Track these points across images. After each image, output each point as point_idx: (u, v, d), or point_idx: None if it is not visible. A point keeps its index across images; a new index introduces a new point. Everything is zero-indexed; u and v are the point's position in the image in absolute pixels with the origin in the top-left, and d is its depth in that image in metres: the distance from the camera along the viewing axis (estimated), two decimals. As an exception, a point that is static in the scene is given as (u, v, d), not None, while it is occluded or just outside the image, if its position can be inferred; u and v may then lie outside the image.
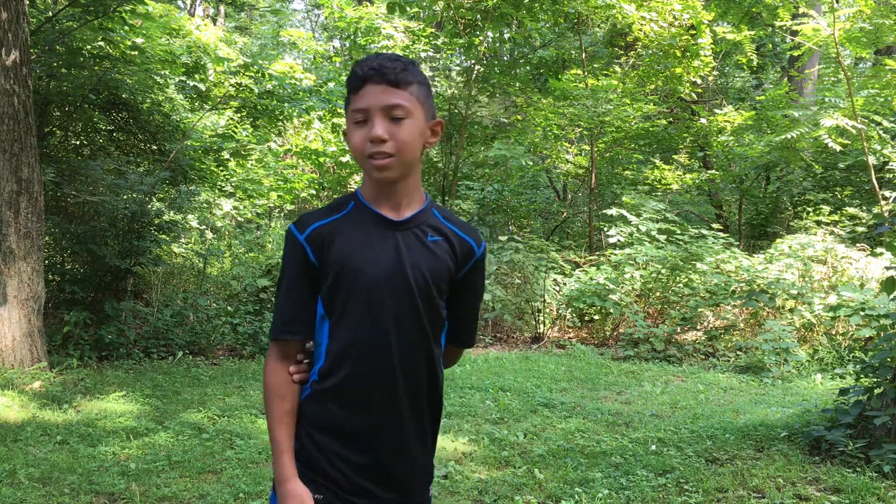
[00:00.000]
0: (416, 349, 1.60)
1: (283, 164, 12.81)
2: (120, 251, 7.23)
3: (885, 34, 9.85)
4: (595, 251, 11.27)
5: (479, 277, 1.71)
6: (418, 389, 1.61)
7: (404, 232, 1.59)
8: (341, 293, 1.57)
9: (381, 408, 1.58)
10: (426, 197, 1.65)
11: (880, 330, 6.56)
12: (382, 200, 1.60)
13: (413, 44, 11.14)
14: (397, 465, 1.61)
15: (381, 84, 1.52)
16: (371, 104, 1.52)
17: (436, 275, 1.60)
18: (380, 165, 1.52)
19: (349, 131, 1.57)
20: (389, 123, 1.52)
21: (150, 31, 8.52)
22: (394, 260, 1.57)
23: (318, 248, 1.57)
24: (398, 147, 1.52)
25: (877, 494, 3.56)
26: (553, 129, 12.15)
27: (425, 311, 1.59)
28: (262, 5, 24.02)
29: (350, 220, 1.60)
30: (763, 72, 20.43)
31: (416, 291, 1.57)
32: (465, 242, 1.65)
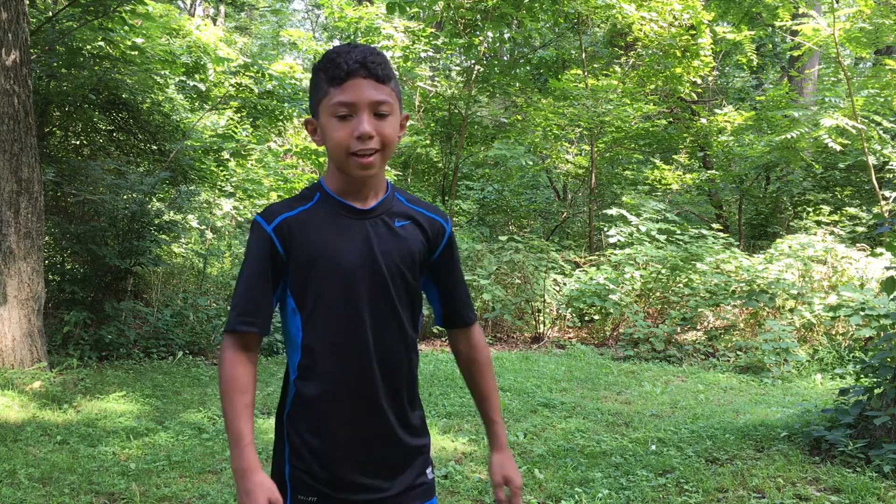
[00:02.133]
0: (392, 337, 1.60)
1: (283, 164, 12.80)
2: (120, 251, 7.23)
3: (885, 34, 9.85)
4: (595, 251, 11.27)
5: (455, 252, 1.73)
6: (398, 377, 1.61)
7: (372, 220, 1.59)
8: (313, 285, 1.56)
9: (362, 398, 1.58)
10: (388, 184, 1.65)
11: (880, 330, 6.56)
12: (350, 191, 1.58)
13: (413, 44, 11.14)
14: (386, 453, 1.61)
15: (368, 79, 1.49)
16: (358, 99, 1.49)
17: (407, 259, 1.60)
18: (365, 163, 1.51)
19: (327, 126, 1.53)
20: (375, 120, 1.51)
21: (150, 31, 8.51)
22: (364, 249, 1.56)
23: (285, 239, 1.55)
24: (383, 143, 1.52)
25: (877, 494, 3.56)
26: (553, 129, 12.15)
27: (399, 297, 1.59)
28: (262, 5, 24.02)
29: (317, 211, 1.58)
30: (763, 72, 20.44)
31: (390, 278, 1.57)
32: (434, 221, 1.67)
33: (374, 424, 1.59)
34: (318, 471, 1.57)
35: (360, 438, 1.58)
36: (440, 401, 5.68)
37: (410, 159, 13.67)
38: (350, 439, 1.58)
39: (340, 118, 1.50)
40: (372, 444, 1.59)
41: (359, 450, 1.58)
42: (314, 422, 1.58)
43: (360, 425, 1.58)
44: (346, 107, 1.49)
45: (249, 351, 1.59)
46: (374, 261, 1.56)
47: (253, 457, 1.50)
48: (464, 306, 1.76)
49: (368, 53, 1.51)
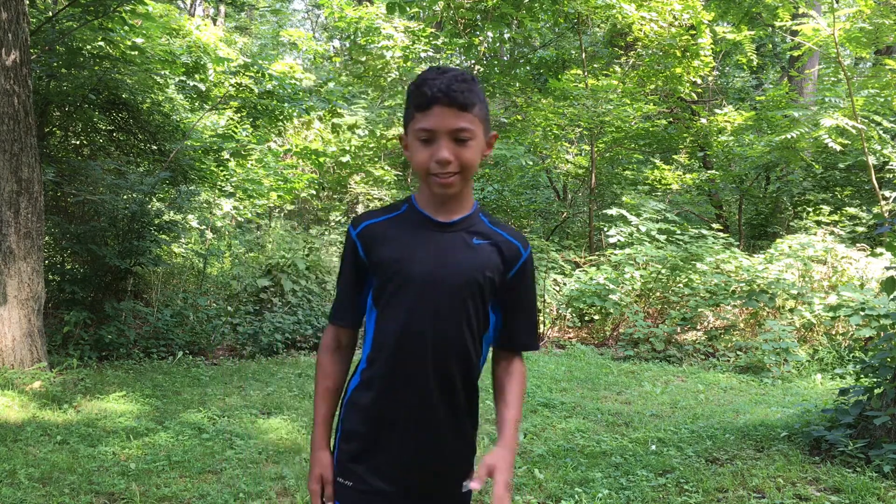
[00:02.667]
0: (451, 345, 1.65)
1: (283, 164, 12.80)
2: (120, 251, 7.23)
3: (885, 34, 9.85)
4: (595, 251, 11.27)
5: (528, 279, 1.76)
6: (452, 385, 1.66)
7: (450, 234, 1.67)
8: (387, 287, 1.66)
9: (414, 398, 1.64)
10: (475, 204, 1.73)
11: (880, 330, 6.56)
12: (434, 205, 1.68)
13: (413, 44, 11.14)
14: (429, 458, 1.66)
15: (449, 107, 1.57)
16: (438, 127, 1.57)
17: (480, 275, 1.66)
18: (444, 183, 1.60)
19: (412, 147, 1.63)
20: (454, 145, 1.58)
21: (150, 31, 8.50)
22: (436, 259, 1.64)
23: (367, 244, 1.68)
24: (462, 166, 1.60)
25: (877, 494, 3.56)
26: (553, 129, 12.15)
27: (464, 309, 1.65)
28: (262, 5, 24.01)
29: (401, 221, 1.70)
30: (763, 72, 20.44)
31: (459, 291, 1.64)
32: (511, 244, 1.71)
33: (425, 429, 1.65)
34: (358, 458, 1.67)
35: (410, 439, 1.65)
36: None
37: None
38: (395, 444, 1.65)
39: (423, 142, 1.60)
40: (416, 450, 1.65)
41: (404, 449, 1.65)
42: (365, 416, 1.68)
43: (411, 428, 1.65)
44: (427, 132, 1.58)
45: (341, 342, 1.77)
46: (445, 273, 1.63)
47: (320, 435, 1.71)
48: (525, 333, 1.77)
49: (454, 81, 1.58)
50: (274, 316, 7.97)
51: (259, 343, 7.61)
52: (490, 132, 1.69)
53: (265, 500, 3.61)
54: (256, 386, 6.14)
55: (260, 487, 3.75)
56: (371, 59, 11.54)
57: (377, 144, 12.40)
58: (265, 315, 8.00)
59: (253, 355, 7.51)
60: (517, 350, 1.79)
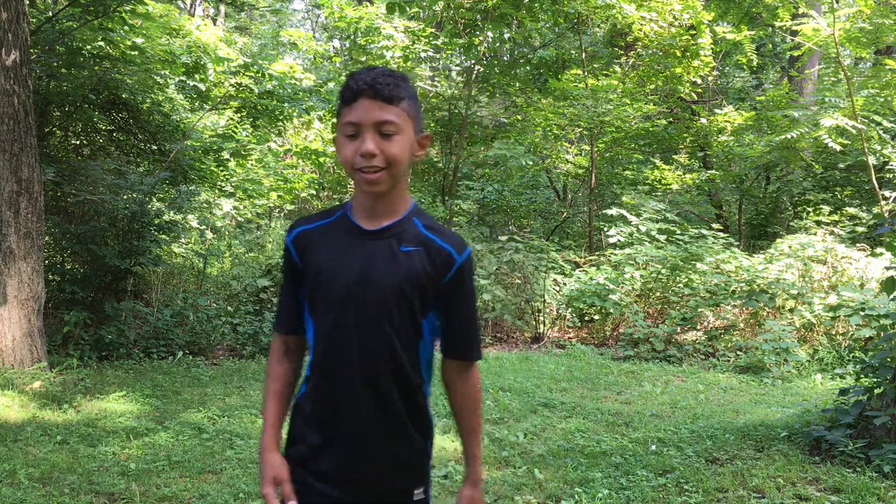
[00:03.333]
0: (378, 357, 1.61)
1: (283, 164, 12.81)
2: (120, 251, 7.23)
3: (885, 34, 9.85)
4: (595, 251, 11.27)
5: (464, 285, 1.68)
6: (387, 395, 1.63)
7: (377, 242, 1.63)
8: (316, 295, 1.66)
9: (347, 407, 1.63)
10: (411, 206, 1.68)
11: (880, 330, 6.57)
12: (364, 210, 1.66)
13: (413, 44, 11.14)
14: (368, 467, 1.64)
15: (373, 99, 1.55)
16: (362, 119, 1.56)
17: (406, 284, 1.61)
18: (370, 179, 1.57)
19: (339, 142, 1.61)
20: (380, 139, 1.55)
21: (150, 31, 8.51)
22: (360, 268, 1.61)
23: (300, 250, 1.68)
24: (388, 161, 1.56)
25: (877, 494, 3.56)
26: (553, 129, 12.15)
27: (389, 320, 1.61)
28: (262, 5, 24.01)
29: (332, 228, 1.68)
30: (763, 72, 20.44)
31: (380, 301, 1.60)
32: (442, 250, 1.64)
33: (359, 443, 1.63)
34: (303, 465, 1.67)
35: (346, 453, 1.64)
36: (440, 401, 5.67)
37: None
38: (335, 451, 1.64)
39: (349, 137, 1.58)
40: (355, 459, 1.64)
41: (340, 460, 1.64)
42: (307, 422, 1.69)
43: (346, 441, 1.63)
44: (352, 126, 1.57)
45: (288, 349, 1.77)
46: (367, 281, 1.61)
47: (269, 437, 1.69)
48: (465, 341, 1.73)
49: (380, 75, 1.57)
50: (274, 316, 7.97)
51: (259, 343, 7.61)
52: (422, 132, 1.64)
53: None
54: (256, 386, 6.14)
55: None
56: (371, 59, 11.53)
57: (377, 144, 12.38)
58: (265, 315, 8.00)
59: (253, 355, 7.51)
60: (462, 359, 1.74)
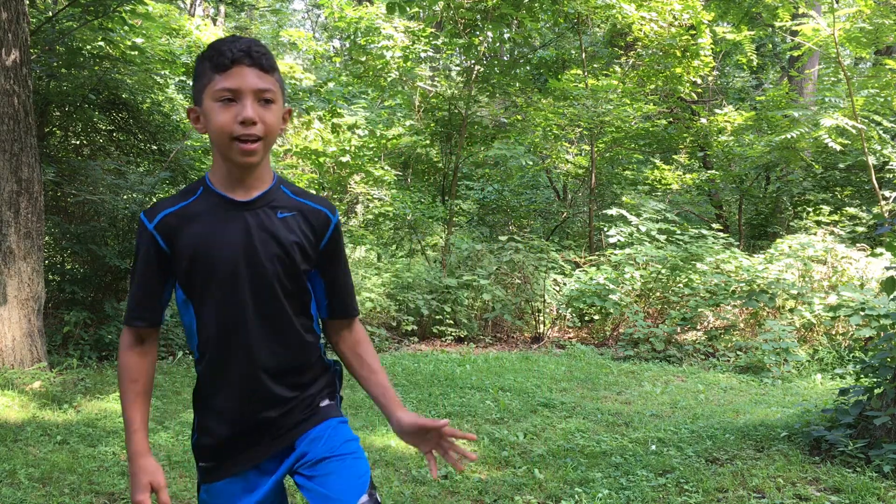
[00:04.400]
0: (277, 324, 1.63)
1: (283, 164, 12.80)
2: (120, 251, 7.23)
3: (885, 34, 9.86)
4: (595, 251, 11.27)
5: (340, 244, 1.74)
6: (287, 362, 1.66)
7: (253, 212, 1.61)
8: (198, 277, 1.60)
9: (249, 383, 1.64)
10: (274, 176, 1.67)
11: (880, 330, 6.56)
12: (232, 183, 1.61)
13: (413, 44, 11.14)
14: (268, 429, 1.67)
15: (252, 67, 1.53)
16: (243, 85, 1.52)
17: (289, 249, 1.62)
18: (248, 149, 1.54)
19: (210, 111, 1.54)
20: (259, 107, 1.53)
21: (150, 31, 8.52)
22: (244, 240, 1.59)
23: (167, 236, 1.59)
24: (266, 130, 1.55)
25: (877, 494, 3.56)
26: (553, 129, 12.15)
27: (281, 285, 1.62)
28: (262, 5, 24.01)
29: (199, 205, 1.62)
30: (763, 72, 20.44)
31: (270, 269, 1.60)
32: (318, 212, 1.67)
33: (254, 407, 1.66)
34: (210, 440, 1.70)
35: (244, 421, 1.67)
36: (440, 401, 5.68)
37: (410, 159, 13.67)
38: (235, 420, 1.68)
39: (224, 102, 1.53)
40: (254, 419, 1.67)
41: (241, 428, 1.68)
42: (206, 400, 1.73)
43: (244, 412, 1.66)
44: (230, 92, 1.52)
45: (144, 342, 1.69)
46: (254, 252, 1.59)
47: (140, 441, 1.64)
48: (348, 297, 1.77)
49: (253, 44, 1.55)
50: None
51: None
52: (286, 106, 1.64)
53: (265, 500, 3.61)
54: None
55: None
56: (371, 59, 11.53)
57: (377, 144, 12.40)
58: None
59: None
60: (349, 316, 1.77)
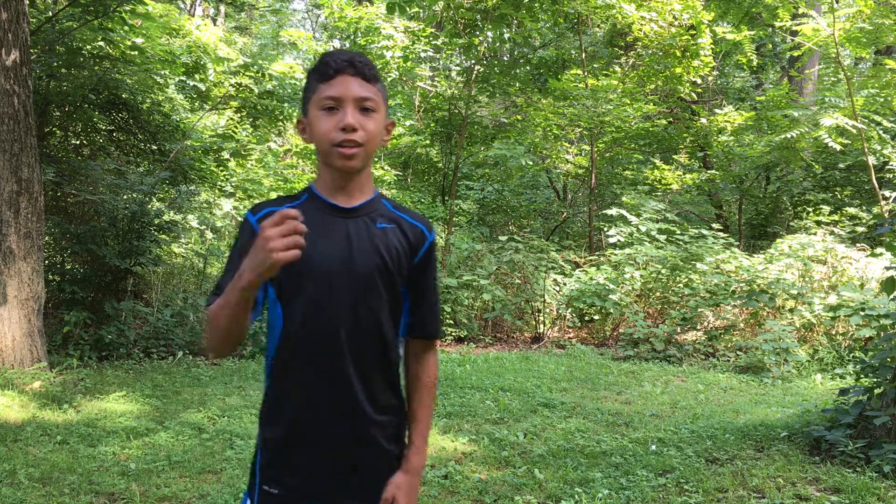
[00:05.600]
0: (367, 333, 1.61)
1: (283, 164, 12.82)
2: (120, 251, 7.23)
3: (885, 34, 9.86)
4: (595, 251, 11.27)
5: (433, 263, 1.73)
6: (371, 372, 1.62)
7: (355, 220, 1.62)
8: (292, 279, 1.59)
9: (334, 390, 1.59)
10: (375, 190, 1.69)
11: (880, 330, 6.56)
12: (335, 190, 1.63)
13: (413, 44, 11.14)
14: (355, 457, 1.62)
15: (355, 77, 1.57)
16: (344, 94, 1.56)
17: (388, 260, 1.62)
18: (347, 154, 1.56)
19: (314, 120, 1.58)
20: (360, 115, 1.56)
21: (150, 31, 8.51)
22: (343, 247, 1.59)
23: None
24: (367, 138, 1.57)
25: (877, 494, 3.56)
26: (553, 129, 12.15)
27: (376, 295, 1.61)
28: (262, 5, 24.00)
29: (303, 210, 1.59)
30: (763, 72, 20.43)
31: (367, 276, 1.60)
32: (416, 228, 1.68)
33: (345, 419, 1.60)
34: (282, 462, 1.61)
35: (330, 433, 1.60)
36: (440, 401, 5.68)
37: (410, 159, 13.67)
38: (319, 434, 1.60)
39: (327, 110, 1.56)
40: (341, 440, 1.60)
41: (327, 445, 1.60)
42: (283, 412, 1.62)
43: (329, 419, 1.59)
44: (332, 100, 1.56)
45: None
46: (353, 259, 1.59)
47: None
48: (432, 317, 1.75)
49: (357, 56, 1.59)
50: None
51: (259, 343, 7.61)
52: (388, 119, 1.66)
53: (265, 500, 3.61)
54: (256, 386, 6.14)
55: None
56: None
57: (377, 144, 12.39)
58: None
59: (253, 355, 7.51)
60: (425, 338, 1.75)
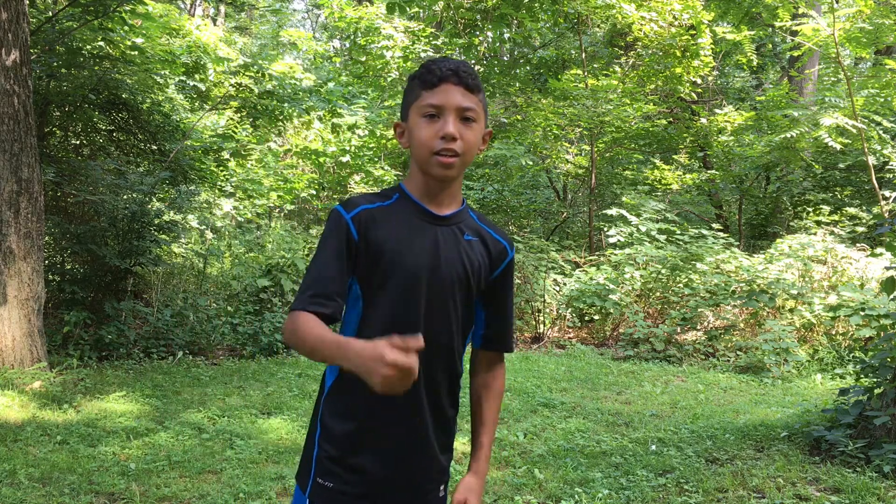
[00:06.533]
0: (439, 342, 1.61)
1: (283, 164, 12.82)
2: (120, 251, 7.23)
3: (885, 34, 9.86)
4: (595, 251, 11.27)
5: (511, 280, 1.75)
6: (437, 383, 1.63)
7: (444, 228, 1.63)
8: (377, 277, 1.58)
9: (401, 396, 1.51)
10: (463, 200, 1.71)
11: (880, 330, 6.56)
12: (427, 196, 1.63)
13: (413, 44, 11.14)
14: (414, 464, 1.62)
15: (458, 86, 1.57)
16: (447, 102, 1.56)
17: (470, 272, 1.63)
18: (446, 163, 1.56)
19: (415, 126, 1.59)
20: (461, 124, 1.57)
21: (150, 31, 8.52)
22: (431, 252, 1.60)
23: (361, 227, 1.58)
24: (465, 148, 1.58)
25: (877, 494, 3.56)
26: (553, 129, 12.15)
27: (454, 306, 1.62)
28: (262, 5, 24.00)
29: (394, 210, 1.64)
30: (763, 72, 20.43)
31: (448, 286, 1.61)
32: (498, 243, 1.70)
33: (410, 426, 1.60)
34: (341, 458, 1.59)
35: (393, 437, 1.60)
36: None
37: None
38: (382, 436, 1.59)
39: (428, 118, 1.57)
40: (403, 446, 1.60)
41: (387, 448, 1.59)
42: (349, 408, 1.60)
43: (395, 423, 1.59)
44: (434, 108, 1.57)
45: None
46: (438, 266, 1.60)
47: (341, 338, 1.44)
48: (506, 332, 1.77)
49: (461, 65, 1.60)
50: (274, 316, 7.97)
51: (259, 343, 7.61)
52: (487, 128, 1.68)
53: (265, 500, 3.61)
54: (256, 386, 6.14)
55: (260, 487, 3.75)
56: (371, 59, 11.54)
57: (377, 144, 12.40)
58: (265, 315, 7.99)
59: (253, 355, 7.51)
60: (500, 351, 1.78)
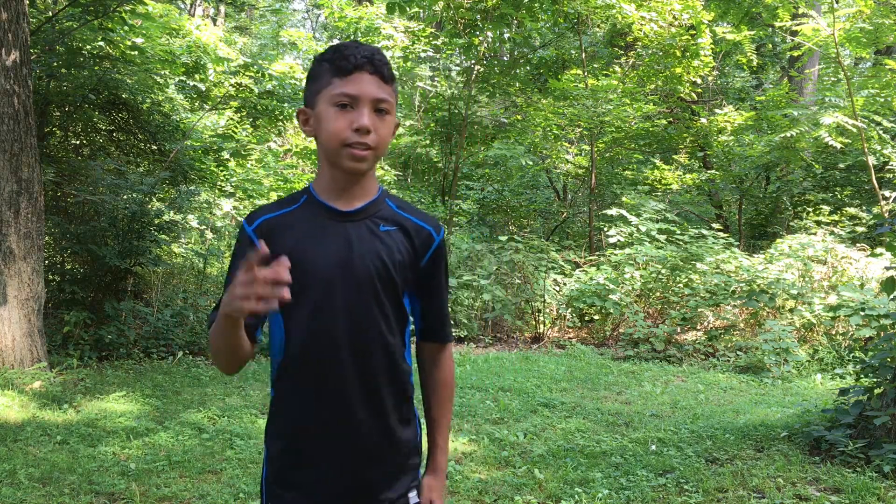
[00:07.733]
0: (370, 342, 1.54)
1: (283, 164, 12.81)
2: (120, 251, 7.23)
3: (885, 34, 9.87)
4: (595, 251, 11.27)
5: (442, 265, 1.66)
6: (376, 384, 1.56)
7: (355, 223, 1.55)
8: (292, 289, 1.46)
9: (334, 404, 1.53)
10: (379, 188, 1.62)
11: (880, 330, 6.56)
12: (336, 192, 1.56)
13: (413, 44, 11.14)
14: (362, 475, 1.55)
15: (373, 75, 1.50)
16: (362, 93, 1.48)
17: (390, 264, 1.55)
18: (358, 156, 1.49)
19: (324, 115, 1.50)
20: (374, 116, 1.50)
21: (150, 31, 8.51)
22: (344, 252, 1.52)
23: (264, 239, 1.45)
24: (379, 141, 1.50)
25: (877, 494, 3.56)
26: (553, 129, 12.15)
27: (378, 302, 1.55)
28: (262, 5, 24.01)
29: (301, 214, 1.57)
30: (763, 72, 20.42)
31: (367, 283, 1.52)
32: (422, 229, 1.61)
33: (347, 434, 1.53)
34: (283, 478, 1.57)
35: (330, 450, 1.54)
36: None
37: (410, 159, 13.67)
38: (317, 451, 1.54)
39: (340, 107, 1.49)
40: (344, 458, 1.54)
41: (326, 463, 1.54)
42: (281, 428, 1.57)
43: (332, 434, 1.53)
44: (349, 98, 1.48)
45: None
46: (352, 264, 1.52)
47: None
48: (442, 323, 1.70)
49: (375, 52, 1.52)
50: (274, 316, 7.97)
51: (259, 343, 7.60)
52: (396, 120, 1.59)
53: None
54: (256, 386, 6.14)
55: (260, 487, 3.74)
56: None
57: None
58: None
59: (253, 355, 7.51)
60: (441, 341, 1.70)
